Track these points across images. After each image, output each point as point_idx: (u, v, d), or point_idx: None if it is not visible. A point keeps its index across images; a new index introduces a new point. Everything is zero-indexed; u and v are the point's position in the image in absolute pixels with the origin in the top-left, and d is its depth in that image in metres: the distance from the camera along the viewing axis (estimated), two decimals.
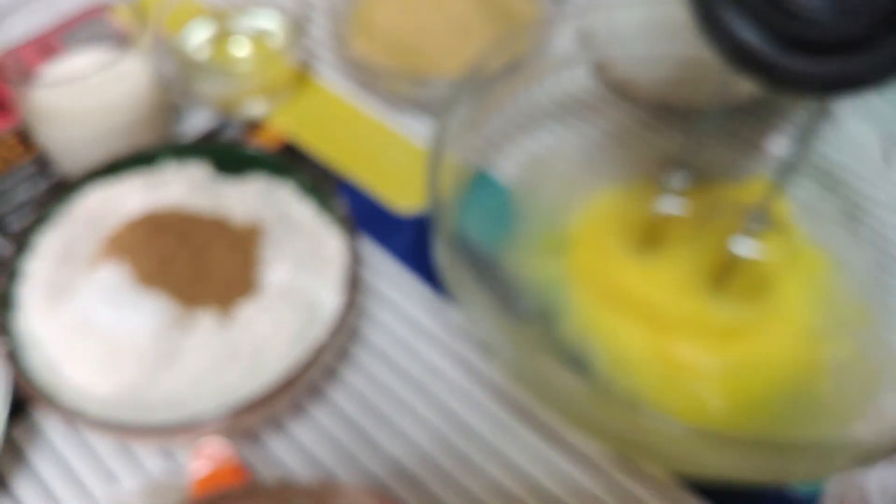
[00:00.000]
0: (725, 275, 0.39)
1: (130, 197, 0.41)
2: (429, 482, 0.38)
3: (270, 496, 0.30)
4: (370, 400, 0.40)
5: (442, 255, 0.36)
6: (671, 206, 0.40)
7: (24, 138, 0.53)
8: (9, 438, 0.38)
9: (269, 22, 0.55)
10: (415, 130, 0.53)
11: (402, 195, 0.49)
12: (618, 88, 0.49)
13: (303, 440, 0.39)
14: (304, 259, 0.39)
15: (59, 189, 0.49)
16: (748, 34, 0.27)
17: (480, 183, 0.44)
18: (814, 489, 0.37)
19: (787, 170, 0.34)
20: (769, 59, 0.27)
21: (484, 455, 0.38)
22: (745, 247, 0.39)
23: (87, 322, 0.36)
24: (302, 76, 0.56)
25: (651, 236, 0.41)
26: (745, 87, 0.47)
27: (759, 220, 0.38)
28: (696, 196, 0.40)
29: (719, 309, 0.40)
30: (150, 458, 0.38)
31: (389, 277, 0.45)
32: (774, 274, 0.40)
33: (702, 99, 0.47)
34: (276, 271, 0.38)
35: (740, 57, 0.28)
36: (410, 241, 0.47)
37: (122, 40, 0.55)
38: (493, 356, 0.36)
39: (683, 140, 0.40)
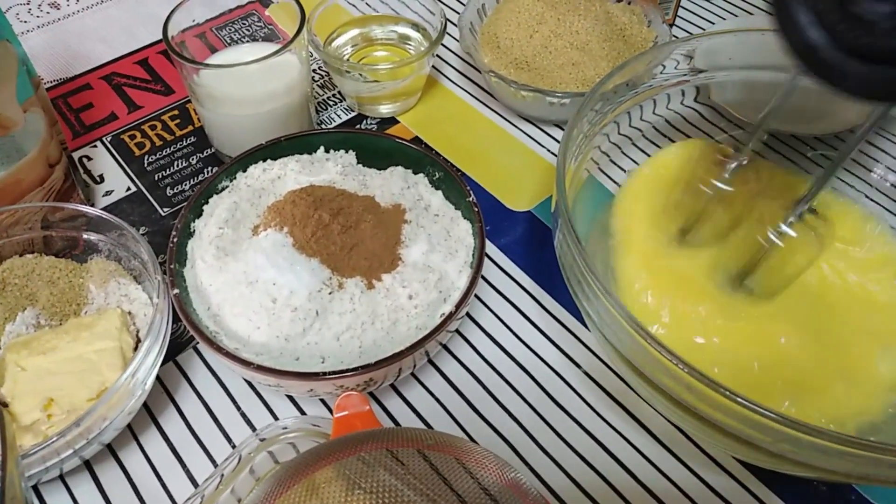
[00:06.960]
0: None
1: (288, 174, 0.46)
2: (522, 450, 0.42)
3: (406, 441, 0.33)
4: (475, 372, 0.45)
5: (561, 244, 0.40)
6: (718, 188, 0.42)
7: (183, 116, 0.59)
8: (158, 378, 0.43)
9: (408, 31, 0.60)
10: (532, 137, 0.58)
11: (514, 194, 0.54)
12: (721, 111, 0.52)
13: (414, 401, 0.44)
14: (437, 241, 0.44)
15: (220, 163, 0.54)
16: (816, 35, 0.28)
17: (589, 188, 0.48)
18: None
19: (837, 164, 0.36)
20: (833, 61, 0.28)
21: (572, 432, 0.43)
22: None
23: (251, 278, 0.41)
24: (432, 81, 0.61)
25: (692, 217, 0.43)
26: (846, 115, 0.50)
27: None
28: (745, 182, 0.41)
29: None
30: (283, 409, 0.44)
31: (497, 265, 0.50)
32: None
33: (802, 125, 0.51)
34: (414, 250, 0.43)
35: (808, 57, 0.29)
36: (518, 236, 0.52)
37: (271, 36, 0.61)
38: (597, 333, 0.39)
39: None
